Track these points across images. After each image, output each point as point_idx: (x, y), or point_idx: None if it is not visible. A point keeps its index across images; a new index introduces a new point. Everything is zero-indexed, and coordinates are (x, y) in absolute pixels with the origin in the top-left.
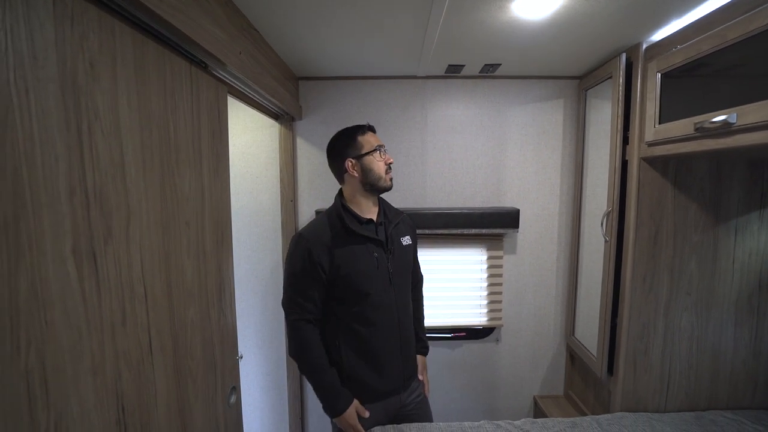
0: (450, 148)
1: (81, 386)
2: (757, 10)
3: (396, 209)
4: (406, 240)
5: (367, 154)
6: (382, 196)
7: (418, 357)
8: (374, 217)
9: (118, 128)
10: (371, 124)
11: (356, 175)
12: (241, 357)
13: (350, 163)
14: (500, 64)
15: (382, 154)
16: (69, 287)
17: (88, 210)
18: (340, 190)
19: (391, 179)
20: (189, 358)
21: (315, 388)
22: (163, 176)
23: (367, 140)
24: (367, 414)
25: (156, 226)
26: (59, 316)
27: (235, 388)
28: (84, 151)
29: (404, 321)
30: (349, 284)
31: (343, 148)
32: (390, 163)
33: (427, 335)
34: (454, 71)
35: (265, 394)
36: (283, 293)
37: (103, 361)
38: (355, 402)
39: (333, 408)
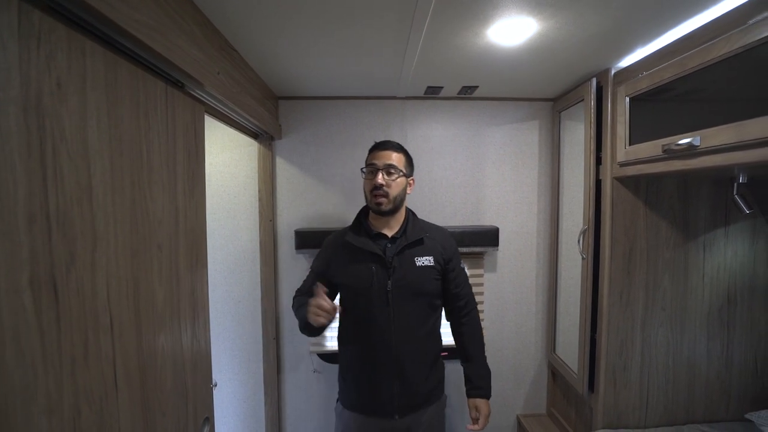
0: (430, 167)
1: (32, 430)
2: (712, 42)
3: (424, 228)
4: (424, 261)
5: (362, 171)
6: (415, 211)
7: (478, 401)
8: (389, 233)
9: (85, 150)
10: (378, 141)
11: None
12: (216, 385)
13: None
14: (477, 86)
15: (367, 174)
16: (24, 322)
17: (49, 236)
18: None
19: (377, 203)
20: (158, 389)
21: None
22: (133, 198)
23: (368, 158)
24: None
25: (125, 251)
26: (11, 354)
27: (209, 419)
28: (47, 174)
29: (403, 346)
30: (342, 294)
31: None
32: (377, 185)
33: None
34: (433, 92)
35: (242, 422)
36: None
37: (60, 400)
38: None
39: (302, 319)
